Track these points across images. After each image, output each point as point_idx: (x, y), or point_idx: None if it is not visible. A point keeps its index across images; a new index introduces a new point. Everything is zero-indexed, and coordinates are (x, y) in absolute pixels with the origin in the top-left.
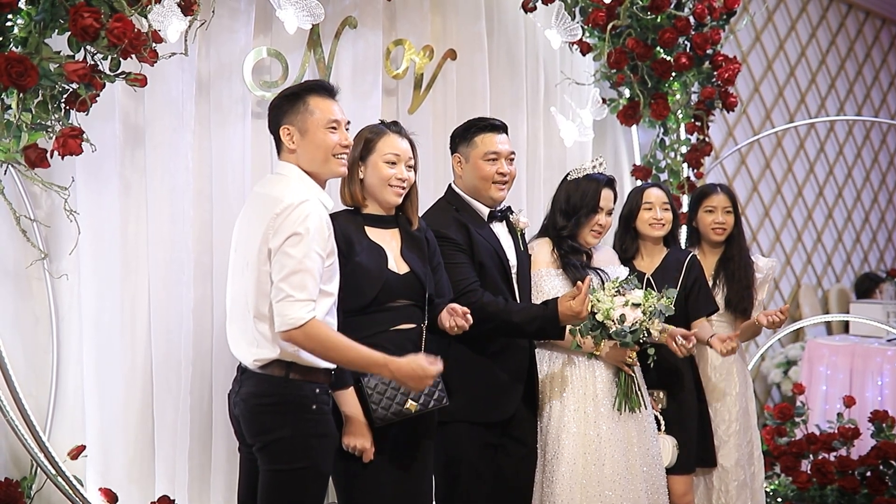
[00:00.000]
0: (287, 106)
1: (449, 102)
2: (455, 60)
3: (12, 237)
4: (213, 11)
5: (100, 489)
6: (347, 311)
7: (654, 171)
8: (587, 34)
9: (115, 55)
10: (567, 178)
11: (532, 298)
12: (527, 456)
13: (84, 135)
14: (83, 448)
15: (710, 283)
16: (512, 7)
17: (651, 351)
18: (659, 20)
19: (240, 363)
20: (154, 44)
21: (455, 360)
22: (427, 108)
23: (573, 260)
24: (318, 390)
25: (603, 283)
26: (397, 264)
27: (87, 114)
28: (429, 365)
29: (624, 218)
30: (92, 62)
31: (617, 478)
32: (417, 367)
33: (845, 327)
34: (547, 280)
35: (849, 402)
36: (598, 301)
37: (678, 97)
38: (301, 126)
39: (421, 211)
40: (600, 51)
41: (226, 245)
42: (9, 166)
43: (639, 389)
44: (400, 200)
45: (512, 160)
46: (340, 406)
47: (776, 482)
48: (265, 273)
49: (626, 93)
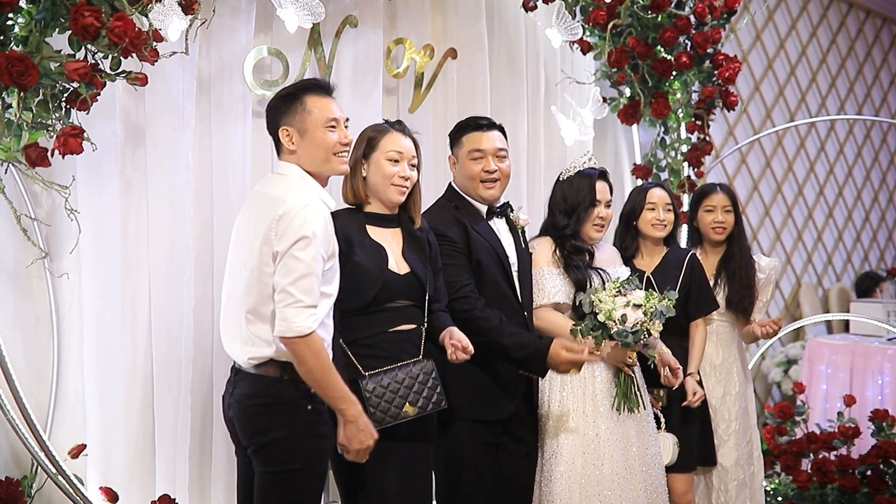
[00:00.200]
0: (284, 107)
1: (449, 101)
2: (455, 59)
3: (13, 236)
4: (214, 10)
5: (100, 488)
6: (346, 311)
7: (655, 171)
8: (588, 33)
9: (116, 54)
10: (560, 179)
11: (533, 296)
12: (527, 455)
13: (85, 134)
14: (84, 447)
15: (712, 283)
16: (512, 6)
17: (651, 352)
18: (659, 19)
19: (233, 364)
20: (155, 43)
21: None
22: (428, 108)
23: (575, 260)
24: (313, 390)
25: (604, 283)
26: (398, 264)
27: (88, 113)
28: (370, 440)
29: (625, 216)
30: (93, 61)
31: (616, 477)
32: (363, 434)
33: (846, 326)
34: (549, 279)
35: (849, 401)
36: (600, 301)
37: (679, 96)
38: (300, 126)
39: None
40: (601, 50)
41: (226, 244)
42: (9, 165)
43: (638, 390)
44: (403, 199)
45: (501, 157)
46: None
47: (776, 481)
48: (267, 275)
49: (627, 92)
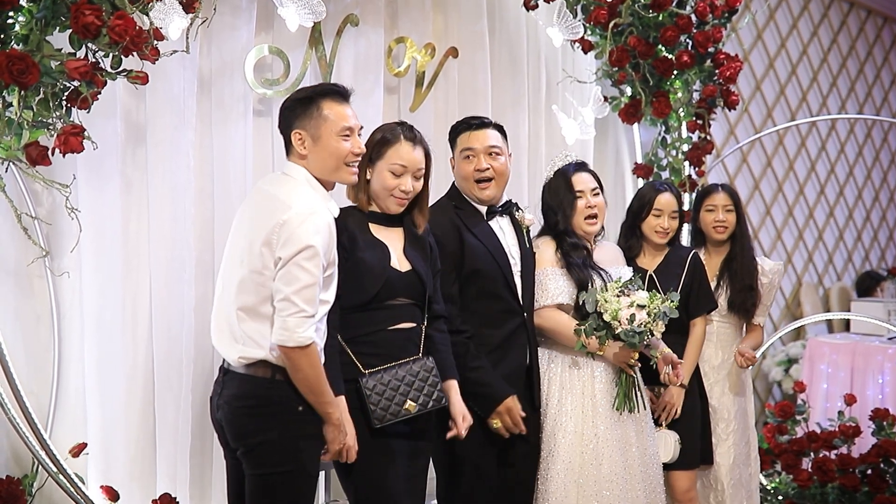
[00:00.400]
0: (300, 109)
1: (450, 100)
2: (457, 58)
3: (13, 235)
4: (215, 9)
5: (101, 487)
6: (347, 308)
7: (656, 170)
8: (589, 32)
9: (117, 53)
10: (543, 185)
11: (536, 297)
12: (529, 453)
13: (85, 132)
14: (84, 446)
15: (714, 284)
16: (513, 5)
17: (654, 353)
18: (661, 18)
19: (222, 364)
20: (155, 41)
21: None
22: (429, 107)
23: (575, 259)
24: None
25: (605, 284)
26: (399, 262)
27: (89, 111)
28: (350, 440)
29: (632, 214)
30: (93, 60)
31: (615, 478)
32: (342, 435)
33: (846, 325)
34: (552, 279)
35: (850, 401)
36: (606, 301)
37: (680, 95)
38: (314, 132)
39: None
40: (602, 49)
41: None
42: (10, 164)
43: (639, 390)
44: (401, 210)
45: (495, 155)
46: None
47: (777, 480)
48: (266, 277)
49: (628, 91)
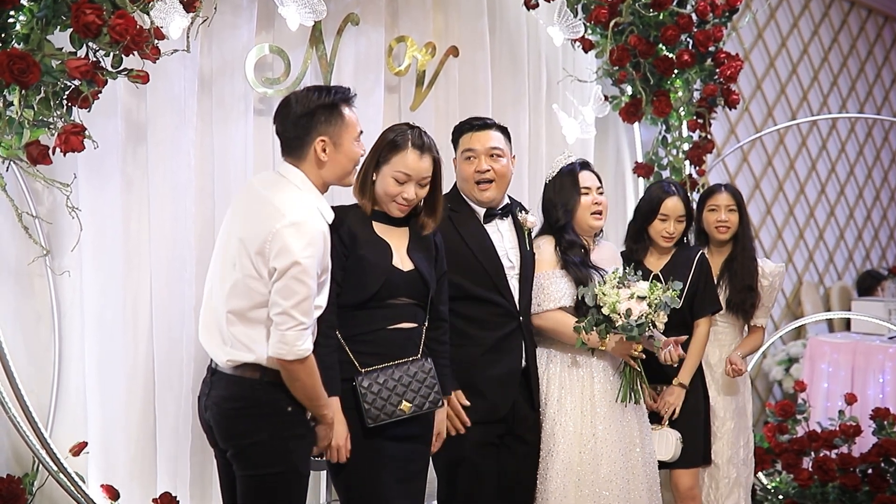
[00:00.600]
0: (324, 116)
1: (451, 99)
2: (457, 57)
3: (14, 234)
4: (216, 8)
5: (101, 486)
6: (347, 306)
7: (657, 169)
8: (589, 31)
9: (118, 52)
10: (546, 182)
11: (537, 300)
12: (529, 454)
13: (86, 131)
14: (85, 444)
15: (716, 284)
16: (514, 4)
17: (657, 344)
18: (661, 17)
19: (210, 364)
20: (156, 40)
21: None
22: (429, 106)
23: (573, 257)
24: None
25: (603, 277)
26: (402, 261)
27: (89, 110)
28: (339, 445)
29: (640, 216)
30: (94, 59)
31: (614, 478)
32: (331, 435)
33: (847, 325)
34: (553, 282)
35: (850, 400)
36: (604, 294)
37: (680, 94)
38: (336, 139)
39: None
40: (602, 48)
41: None
42: (11, 163)
43: (644, 383)
44: (402, 215)
45: (496, 157)
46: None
47: (777, 479)
48: (259, 283)
49: (629, 90)
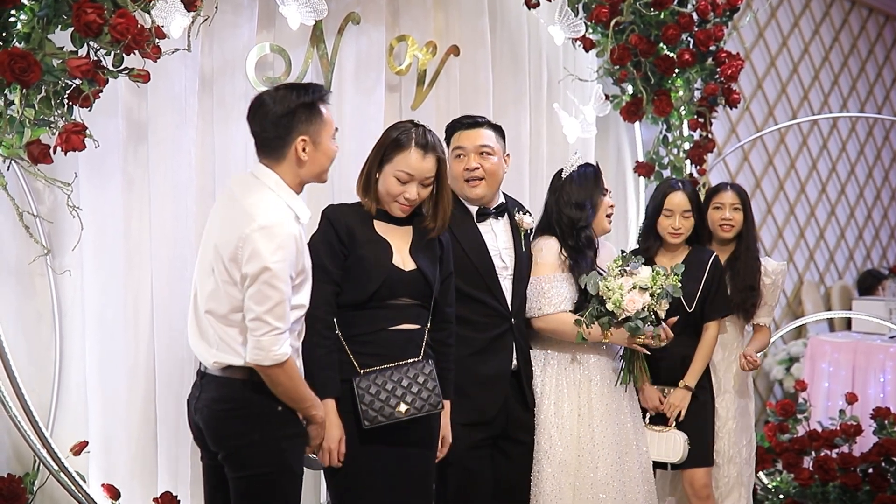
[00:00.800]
0: (305, 115)
1: (452, 99)
2: (458, 56)
3: (15, 233)
4: (217, 7)
5: (102, 485)
6: (347, 306)
7: (657, 168)
8: (590, 30)
9: (119, 51)
10: (563, 177)
11: (537, 304)
12: (525, 455)
13: (87, 131)
14: (86, 444)
15: None
16: (515, 3)
17: (655, 332)
18: (662, 16)
19: (199, 367)
20: (157, 40)
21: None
22: (430, 105)
23: (585, 258)
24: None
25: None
26: (403, 261)
27: (90, 110)
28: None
29: (648, 213)
30: (95, 58)
31: (610, 480)
32: (324, 432)
33: (848, 324)
34: (554, 286)
35: (851, 399)
36: (609, 290)
37: (681, 94)
38: (316, 137)
39: None
40: (603, 47)
41: None
42: (12, 162)
43: (643, 367)
44: (404, 215)
45: (486, 155)
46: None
47: (778, 479)
48: (234, 288)
49: (629, 89)
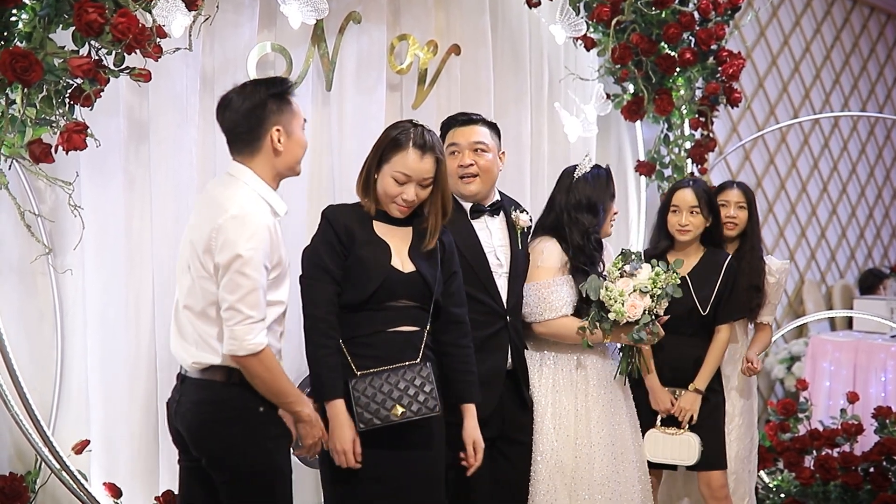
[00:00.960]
0: (276, 105)
1: (453, 97)
2: (459, 55)
3: (17, 232)
4: (218, 6)
5: (104, 484)
6: (345, 307)
7: (658, 167)
8: (591, 29)
9: (120, 50)
10: (576, 177)
11: (538, 309)
12: (523, 455)
13: (88, 130)
14: (87, 443)
15: None
16: (516, 2)
17: (655, 329)
18: (663, 15)
19: (179, 371)
20: (158, 39)
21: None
22: (431, 104)
23: (590, 262)
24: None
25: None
26: (402, 262)
27: (92, 109)
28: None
29: (660, 213)
30: (96, 57)
31: (606, 481)
32: (315, 430)
33: (849, 323)
34: (554, 290)
35: (852, 398)
36: (611, 300)
37: (682, 93)
38: (288, 127)
39: None
40: (604, 46)
41: None
42: (13, 161)
43: (642, 358)
44: (402, 216)
45: (480, 152)
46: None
47: (779, 478)
48: (210, 283)
49: (631, 88)
